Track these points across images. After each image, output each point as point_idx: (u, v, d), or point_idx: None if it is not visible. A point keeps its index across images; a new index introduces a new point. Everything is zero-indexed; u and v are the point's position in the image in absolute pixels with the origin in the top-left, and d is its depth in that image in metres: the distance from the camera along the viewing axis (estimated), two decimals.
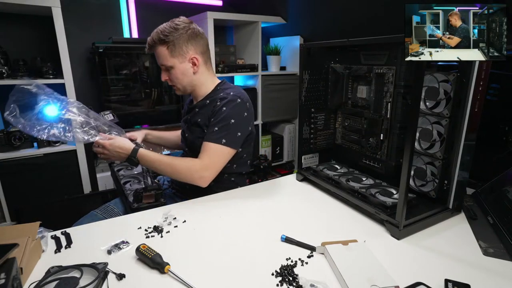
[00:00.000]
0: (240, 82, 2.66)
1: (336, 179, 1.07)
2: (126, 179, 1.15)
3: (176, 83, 1.15)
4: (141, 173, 1.19)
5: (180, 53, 1.10)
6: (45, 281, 0.63)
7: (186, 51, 1.11)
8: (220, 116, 1.06)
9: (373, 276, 0.66)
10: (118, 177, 1.17)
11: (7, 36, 1.90)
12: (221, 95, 1.12)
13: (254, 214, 0.97)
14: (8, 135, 1.71)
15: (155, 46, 1.09)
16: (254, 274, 0.70)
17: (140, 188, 1.01)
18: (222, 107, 1.08)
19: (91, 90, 2.18)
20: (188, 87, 1.16)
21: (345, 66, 1.13)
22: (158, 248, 0.74)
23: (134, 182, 1.13)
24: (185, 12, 2.42)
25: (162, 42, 1.08)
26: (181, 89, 1.17)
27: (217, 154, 1.05)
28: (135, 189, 1.04)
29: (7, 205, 1.73)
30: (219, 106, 1.09)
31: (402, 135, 0.98)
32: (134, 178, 1.16)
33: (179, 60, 1.10)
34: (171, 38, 1.08)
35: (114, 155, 1.05)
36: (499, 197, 0.95)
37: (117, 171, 1.22)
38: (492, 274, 0.70)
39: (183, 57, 1.11)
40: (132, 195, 1.01)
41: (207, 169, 1.03)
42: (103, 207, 1.12)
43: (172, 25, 1.09)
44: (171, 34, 1.08)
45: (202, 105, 1.18)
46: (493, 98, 1.13)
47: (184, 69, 1.12)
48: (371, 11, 1.81)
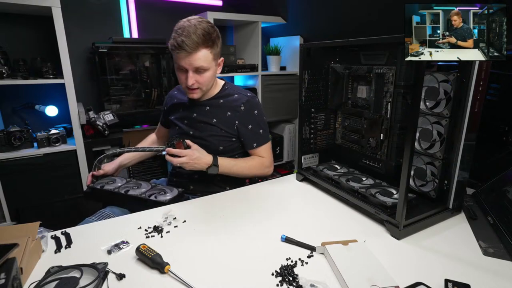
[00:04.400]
0: (240, 82, 2.66)
1: (336, 179, 1.07)
2: (123, 189, 1.09)
3: (203, 85, 1.12)
4: (127, 183, 1.14)
5: (217, 55, 1.10)
6: (45, 281, 0.63)
7: (220, 53, 1.12)
8: (258, 120, 1.20)
9: (373, 276, 0.66)
10: (111, 191, 1.09)
11: (7, 36, 1.91)
12: (236, 96, 1.20)
13: (254, 214, 0.97)
14: (8, 135, 1.71)
15: (197, 48, 1.03)
16: (254, 274, 0.70)
17: (171, 140, 1.07)
18: (254, 111, 1.20)
19: (91, 90, 2.18)
20: (209, 89, 1.17)
21: (345, 66, 1.13)
22: (158, 248, 0.74)
23: (133, 188, 1.10)
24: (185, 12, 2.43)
25: (206, 44, 1.04)
26: (204, 92, 1.15)
27: (270, 149, 1.26)
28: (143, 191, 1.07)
29: (7, 205, 1.73)
30: (247, 110, 1.18)
31: (402, 135, 0.98)
32: (126, 187, 1.10)
33: (215, 62, 1.11)
34: (211, 42, 1.05)
35: (195, 165, 1.07)
36: (499, 197, 0.95)
37: (102, 187, 1.11)
38: (492, 274, 0.70)
39: (217, 59, 1.12)
40: (167, 145, 1.07)
41: (271, 164, 1.25)
42: (98, 213, 1.08)
43: (207, 26, 1.05)
44: (213, 35, 1.05)
45: (214, 105, 1.20)
46: (493, 98, 1.13)
47: (215, 71, 1.13)
48: (371, 11, 1.81)
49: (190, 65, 1.06)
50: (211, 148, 1.15)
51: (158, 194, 1.07)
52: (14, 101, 1.98)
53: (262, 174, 1.23)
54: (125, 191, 1.07)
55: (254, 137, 1.21)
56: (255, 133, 1.20)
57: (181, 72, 1.09)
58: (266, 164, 1.22)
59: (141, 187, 1.11)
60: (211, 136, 1.18)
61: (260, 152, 1.23)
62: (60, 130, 1.84)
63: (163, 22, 2.39)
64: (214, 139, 1.18)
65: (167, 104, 1.34)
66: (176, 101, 1.28)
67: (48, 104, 2.01)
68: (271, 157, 1.25)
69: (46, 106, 1.99)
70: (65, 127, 1.94)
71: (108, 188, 1.10)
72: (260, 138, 1.22)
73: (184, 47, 1.01)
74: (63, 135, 1.84)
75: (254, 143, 1.21)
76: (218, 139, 1.18)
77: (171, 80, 2.21)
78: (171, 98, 1.32)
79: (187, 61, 1.05)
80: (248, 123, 1.19)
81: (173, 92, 1.34)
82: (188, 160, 1.04)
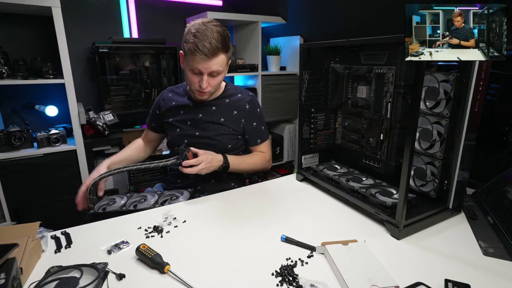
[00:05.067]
0: (240, 82, 2.66)
1: (336, 179, 1.07)
2: (130, 206, 1.04)
3: (214, 87, 1.14)
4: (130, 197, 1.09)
5: (230, 58, 1.14)
6: (45, 281, 0.63)
7: (231, 56, 1.15)
8: (260, 117, 1.28)
9: (373, 276, 0.66)
10: (119, 209, 1.03)
11: (7, 36, 1.91)
12: (239, 96, 1.25)
13: (254, 214, 0.97)
14: (8, 135, 1.71)
15: (217, 54, 1.05)
16: (254, 274, 0.70)
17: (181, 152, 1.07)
18: (257, 109, 1.27)
19: (91, 90, 2.18)
20: (216, 89, 1.19)
21: (345, 66, 1.13)
22: (158, 248, 0.74)
23: (140, 202, 1.06)
24: (185, 12, 2.44)
25: (224, 49, 1.07)
26: (212, 93, 1.18)
27: (270, 144, 1.35)
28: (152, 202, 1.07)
29: (7, 205, 1.73)
30: (251, 108, 1.24)
31: (402, 135, 0.98)
32: (133, 202, 1.06)
33: (227, 64, 1.13)
34: (227, 46, 1.08)
35: (211, 168, 1.10)
36: (499, 197, 0.95)
37: (104, 210, 1.03)
38: (492, 274, 0.70)
39: (229, 62, 1.15)
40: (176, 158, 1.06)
41: (271, 158, 1.34)
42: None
43: (222, 30, 1.06)
44: (228, 39, 1.08)
45: (220, 105, 1.22)
46: (493, 98, 1.13)
47: (225, 73, 1.15)
48: (371, 11, 1.81)
49: (207, 69, 1.06)
50: (219, 147, 1.19)
51: (171, 199, 1.07)
52: (14, 101, 1.98)
53: (264, 169, 1.32)
54: (134, 206, 1.03)
55: (258, 134, 1.27)
56: (259, 130, 1.27)
57: (194, 74, 1.09)
58: (267, 159, 1.31)
59: (148, 198, 1.08)
60: (219, 135, 1.20)
61: (261, 148, 1.30)
62: (60, 130, 1.84)
63: (163, 22, 2.40)
64: (223, 138, 1.21)
65: (160, 107, 1.28)
66: (174, 104, 1.25)
67: (48, 104, 2.01)
68: (270, 152, 1.35)
69: (46, 106, 1.99)
70: (65, 127, 1.94)
71: (113, 209, 1.03)
72: (263, 135, 1.29)
73: (205, 51, 1.02)
74: (63, 135, 1.84)
75: (258, 139, 1.28)
76: (227, 138, 1.22)
77: (171, 80, 2.22)
78: (166, 101, 1.27)
79: (205, 65, 1.05)
80: (253, 121, 1.25)
81: (166, 95, 1.29)
82: (205, 166, 1.07)
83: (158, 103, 1.30)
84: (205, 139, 1.19)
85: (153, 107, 1.33)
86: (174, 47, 2.15)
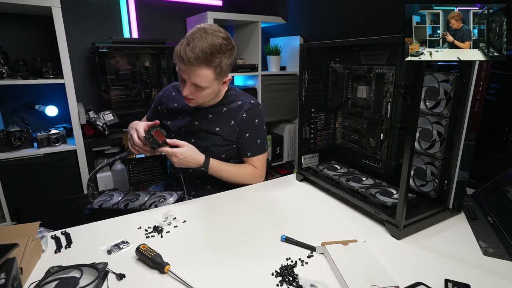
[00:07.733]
0: (240, 82, 2.66)
1: (336, 179, 1.07)
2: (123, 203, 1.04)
3: (199, 99, 1.07)
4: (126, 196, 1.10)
5: (222, 76, 1.05)
6: (45, 281, 0.63)
7: (227, 74, 1.07)
8: (257, 129, 1.19)
9: (373, 276, 0.66)
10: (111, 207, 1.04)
11: (7, 36, 1.91)
12: (239, 103, 1.17)
13: (254, 214, 0.97)
14: (8, 135, 1.71)
15: (198, 65, 0.97)
16: (254, 274, 0.70)
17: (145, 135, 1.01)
18: (254, 119, 1.18)
19: (91, 90, 2.18)
20: (206, 101, 1.13)
21: (345, 66, 1.13)
22: (158, 248, 0.74)
23: (132, 201, 1.06)
24: (185, 12, 2.44)
25: (209, 63, 0.98)
26: (200, 103, 1.11)
27: (265, 160, 1.24)
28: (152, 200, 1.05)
29: (7, 205, 1.73)
30: (248, 118, 1.16)
31: (402, 135, 0.98)
32: (126, 201, 1.06)
33: (218, 82, 1.05)
34: (218, 61, 0.99)
35: (184, 162, 1.05)
36: (499, 197, 0.95)
37: (100, 206, 1.05)
38: (492, 274, 0.70)
39: (222, 79, 1.07)
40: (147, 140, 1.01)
41: (262, 176, 1.24)
42: None
43: (219, 42, 0.97)
44: (219, 55, 0.98)
45: (217, 113, 1.17)
46: (493, 98, 1.13)
47: (216, 89, 1.08)
48: (371, 11, 1.81)
49: (188, 79, 1.02)
50: (212, 156, 1.13)
51: (159, 202, 1.06)
52: (14, 101, 1.98)
53: (250, 184, 1.21)
54: (125, 206, 1.04)
55: (249, 146, 1.19)
56: (251, 142, 1.19)
57: (180, 79, 1.06)
58: (257, 176, 1.21)
59: (140, 198, 1.08)
60: (214, 146, 1.16)
61: (253, 162, 1.21)
62: (60, 130, 1.84)
63: (163, 22, 2.40)
64: (216, 149, 1.17)
65: (162, 104, 1.27)
66: (176, 105, 1.22)
67: (48, 104, 2.01)
68: (263, 169, 1.23)
69: (46, 106, 1.99)
70: (65, 127, 1.94)
71: (107, 206, 1.04)
72: (255, 149, 1.20)
73: (184, 59, 0.96)
74: (63, 135, 1.84)
75: (248, 152, 1.19)
76: (221, 149, 1.17)
77: (171, 80, 2.21)
78: (168, 99, 1.25)
79: (185, 73, 1.01)
80: (246, 131, 1.18)
81: (170, 93, 1.26)
82: (177, 160, 1.03)
83: (160, 99, 1.28)
84: (200, 148, 1.12)
85: (155, 102, 1.31)
86: (174, 47, 2.13)
